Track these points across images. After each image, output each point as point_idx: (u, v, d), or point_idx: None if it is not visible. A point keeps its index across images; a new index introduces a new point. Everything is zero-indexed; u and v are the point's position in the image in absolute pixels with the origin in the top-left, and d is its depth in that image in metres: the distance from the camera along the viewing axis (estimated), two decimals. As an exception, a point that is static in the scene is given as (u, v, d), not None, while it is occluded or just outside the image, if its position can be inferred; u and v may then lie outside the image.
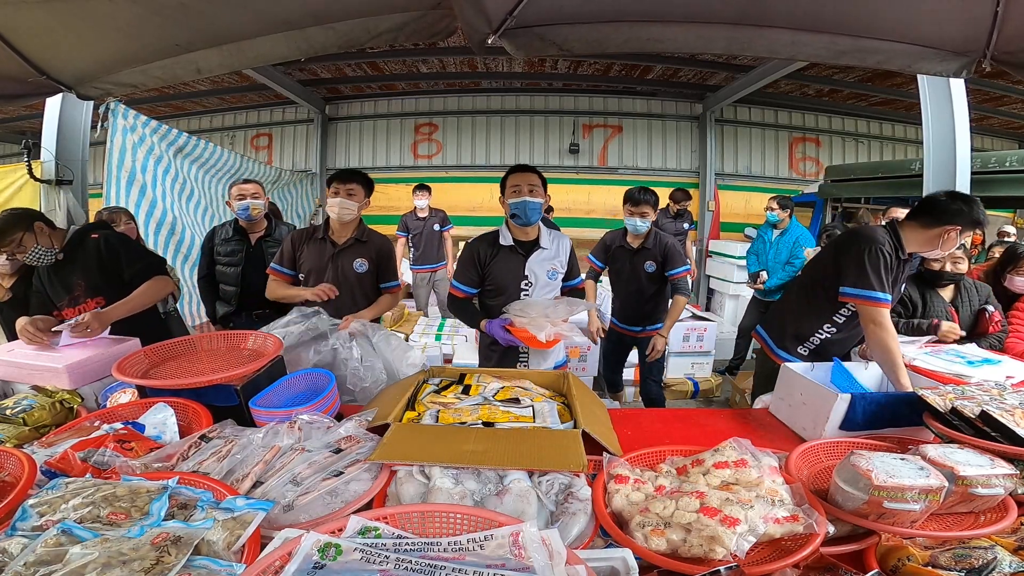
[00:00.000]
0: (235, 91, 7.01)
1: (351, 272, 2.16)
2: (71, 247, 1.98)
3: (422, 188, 4.98)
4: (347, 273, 2.15)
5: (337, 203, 2.09)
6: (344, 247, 2.16)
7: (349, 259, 2.16)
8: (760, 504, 0.89)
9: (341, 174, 2.14)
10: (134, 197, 3.47)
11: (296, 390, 1.45)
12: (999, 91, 6.21)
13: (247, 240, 2.72)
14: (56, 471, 1.00)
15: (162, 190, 3.74)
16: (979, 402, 1.15)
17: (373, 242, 2.23)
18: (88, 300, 1.95)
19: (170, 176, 3.87)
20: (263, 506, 0.86)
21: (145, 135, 3.56)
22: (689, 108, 7.49)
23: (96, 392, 1.53)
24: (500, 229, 2.05)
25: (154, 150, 3.66)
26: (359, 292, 2.19)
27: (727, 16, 1.75)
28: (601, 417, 1.38)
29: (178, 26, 1.78)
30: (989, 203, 4.50)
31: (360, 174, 2.18)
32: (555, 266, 2.06)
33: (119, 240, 2.07)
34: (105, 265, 1.98)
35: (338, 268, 2.14)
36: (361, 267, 2.17)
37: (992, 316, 2.28)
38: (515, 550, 0.74)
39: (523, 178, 1.94)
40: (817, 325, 1.93)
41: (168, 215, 3.74)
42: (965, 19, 1.64)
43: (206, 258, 2.81)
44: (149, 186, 3.58)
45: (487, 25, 1.64)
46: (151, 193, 3.60)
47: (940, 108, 3.28)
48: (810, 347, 1.96)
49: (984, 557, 0.85)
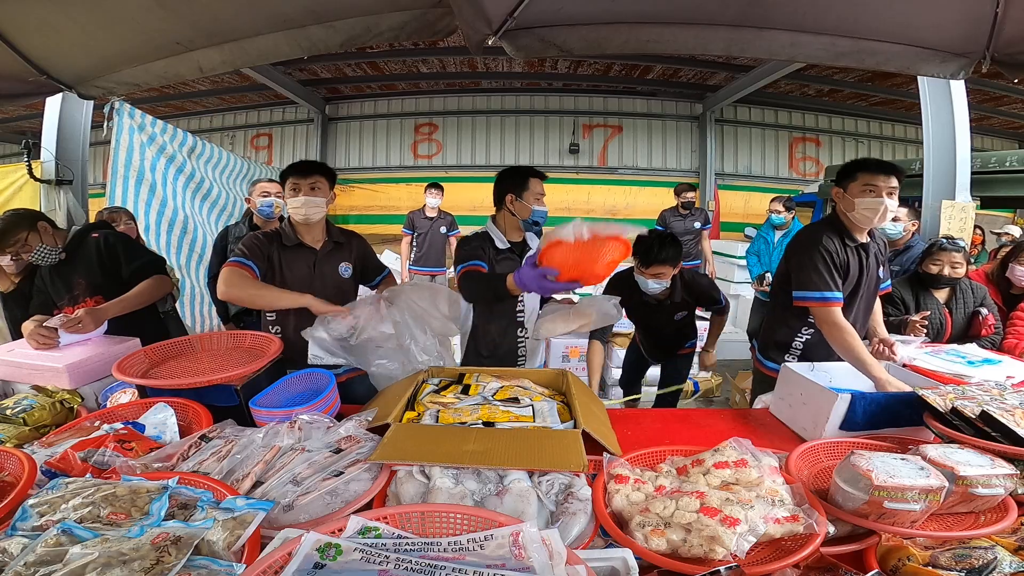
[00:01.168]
0: (235, 91, 7.02)
1: (338, 279, 1.90)
2: (72, 247, 1.99)
3: (436, 187, 4.81)
4: (335, 281, 1.89)
5: (302, 202, 1.75)
6: (324, 253, 1.87)
7: (333, 265, 1.89)
8: (760, 504, 0.89)
9: (298, 167, 1.81)
10: (144, 196, 3.46)
11: (296, 390, 1.45)
12: (999, 91, 6.21)
13: None
14: (56, 471, 1.00)
15: (172, 189, 3.72)
16: (979, 402, 1.15)
17: (350, 242, 1.97)
18: (87, 299, 1.96)
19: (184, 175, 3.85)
20: (263, 506, 0.86)
21: (155, 134, 3.54)
22: (689, 108, 7.49)
23: (96, 392, 1.53)
24: (489, 231, 1.95)
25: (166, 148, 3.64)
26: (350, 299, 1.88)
27: (726, 18, 1.75)
28: (601, 417, 1.38)
29: (179, 24, 1.78)
30: (989, 203, 4.51)
31: (322, 165, 1.87)
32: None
33: (119, 239, 2.08)
34: (105, 264, 1.99)
35: (324, 277, 1.86)
36: (346, 271, 1.92)
37: (986, 319, 2.26)
38: (515, 550, 0.74)
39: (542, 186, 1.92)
40: (795, 330, 1.92)
41: (179, 214, 3.73)
42: (964, 21, 1.64)
43: (218, 257, 2.82)
44: (159, 185, 3.56)
45: (487, 26, 1.65)
46: (161, 192, 3.58)
47: (940, 108, 3.28)
48: (796, 354, 1.93)
49: (984, 557, 0.85)
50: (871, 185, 1.69)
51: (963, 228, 3.22)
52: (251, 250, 1.75)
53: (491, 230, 1.96)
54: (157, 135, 3.56)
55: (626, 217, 7.11)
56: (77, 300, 1.96)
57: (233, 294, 1.66)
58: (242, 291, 1.67)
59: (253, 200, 2.71)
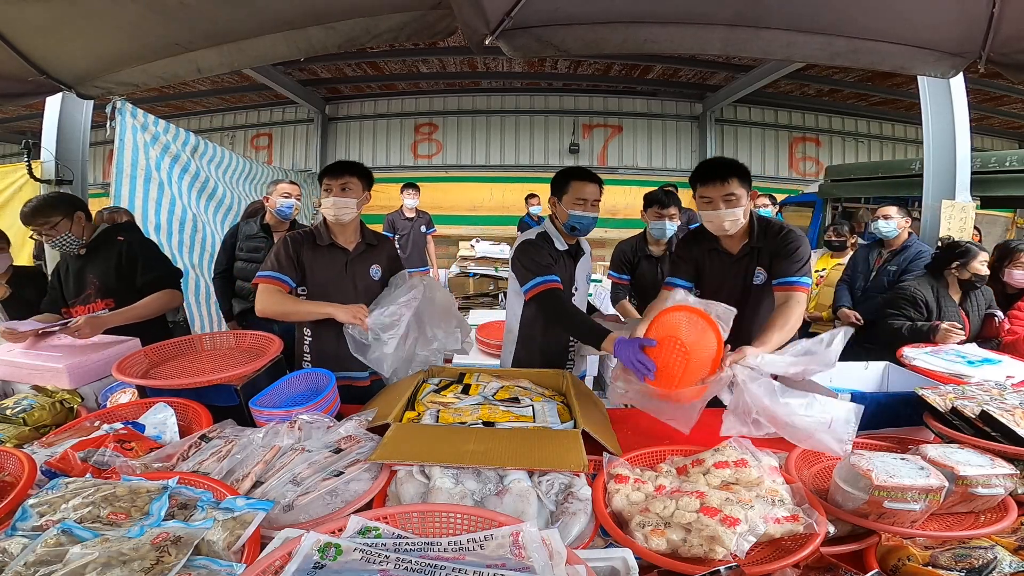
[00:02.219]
0: (235, 91, 7.02)
1: (369, 281, 1.86)
2: (95, 244, 1.99)
3: (412, 187, 4.88)
4: (365, 283, 1.85)
5: (332, 202, 1.77)
6: (356, 254, 1.86)
7: (364, 267, 1.86)
8: (760, 504, 0.89)
9: (333, 168, 1.82)
10: (154, 195, 3.45)
11: (296, 390, 1.44)
12: (999, 91, 6.21)
13: (271, 239, 2.76)
14: (56, 471, 1.00)
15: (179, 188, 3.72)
16: (979, 402, 1.15)
17: (382, 244, 1.96)
18: (98, 300, 1.95)
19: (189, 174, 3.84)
20: (263, 506, 0.86)
21: (159, 133, 3.54)
22: (689, 108, 7.49)
23: (96, 392, 1.53)
24: (548, 231, 1.87)
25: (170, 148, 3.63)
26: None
27: (723, 17, 1.76)
28: (601, 417, 1.38)
29: (178, 25, 1.78)
30: (989, 203, 4.51)
31: (355, 165, 1.86)
32: (589, 270, 2.00)
33: (141, 246, 2.08)
34: (122, 268, 1.99)
35: (355, 278, 1.84)
36: (376, 274, 1.88)
37: (1002, 323, 2.29)
38: (515, 550, 0.74)
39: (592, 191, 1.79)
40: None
41: (188, 212, 3.73)
42: (960, 20, 1.64)
43: (226, 254, 2.85)
44: (166, 184, 3.56)
45: (485, 26, 1.65)
46: (170, 191, 3.58)
47: (940, 108, 3.28)
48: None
49: (984, 557, 0.85)
50: (707, 197, 1.57)
51: (963, 228, 3.22)
52: (280, 261, 1.77)
53: (549, 230, 1.88)
54: (160, 135, 3.56)
55: (626, 217, 7.10)
56: (88, 300, 1.96)
57: (269, 311, 1.73)
58: (277, 307, 1.72)
59: (272, 199, 2.74)
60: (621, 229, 5.76)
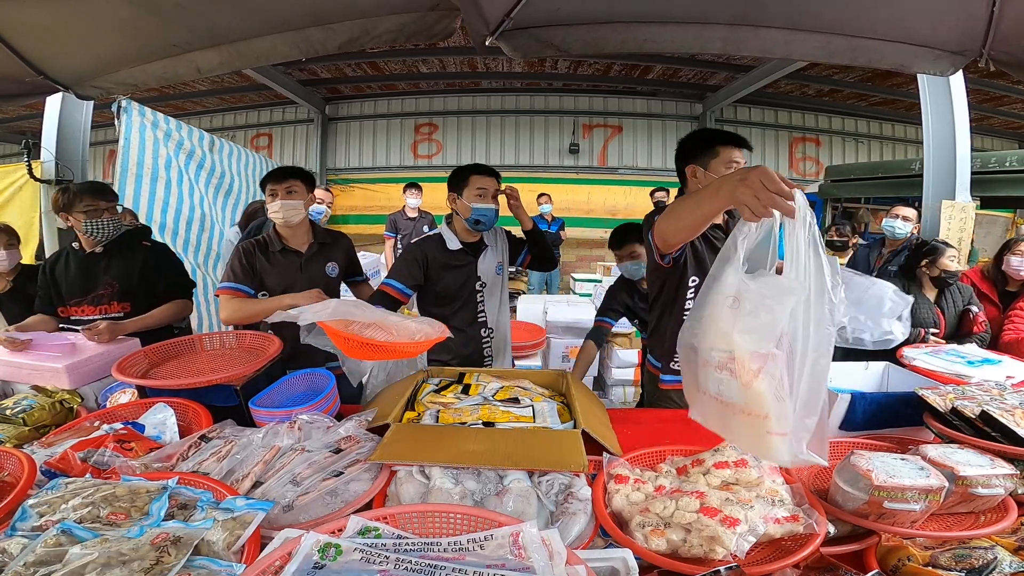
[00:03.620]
0: (235, 91, 7.03)
1: (325, 279, 1.96)
2: (114, 244, 1.97)
3: (415, 187, 4.85)
4: (325, 281, 1.95)
5: (279, 205, 1.84)
6: (310, 255, 1.95)
7: (319, 266, 1.96)
8: (760, 504, 0.89)
9: (275, 174, 1.89)
10: (160, 195, 3.43)
11: (296, 390, 1.44)
12: (999, 91, 6.22)
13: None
14: (56, 471, 1.00)
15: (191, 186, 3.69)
16: (979, 402, 1.15)
17: (336, 242, 2.05)
18: (114, 303, 1.94)
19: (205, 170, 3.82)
20: (263, 506, 0.86)
21: (171, 130, 3.52)
22: (689, 108, 7.49)
23: (96, 392, 1.53)
24: (442, 232, 1.93)
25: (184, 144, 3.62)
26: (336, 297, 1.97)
27: (722, 17, 1.76)
28: (601, 417, 1.38)
29: (177, 26, 1.78)
30: (989, 203, 4.51)
31: (298, 170, 1.94)
32: (500, 260, 2.01)
33: (166, 256, 2.10)
34: (146, 275, 1.99)
35: (310, 279, 1.91)
36: (333, 271, 1.99)
37: (976, 316, 2.31)
38: (515, 550, 0.74)
39: (491, 183, 1.84)
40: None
41: (196, 211, 3.71)
42: (960, 18, 1.64)
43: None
44: (175, 183, 3.54)
45: (484, 27, 1.65)
46: (177, 190, 3.57)
47: (940, 108, 3.29)
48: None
49: (984, 557, 0.85)
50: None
51: (963, 228, 3.22)
52: (236, 272, 1.86)
53: (443, 231, 1.95)
54: (173, 131, 3.54)
55: (626, 217, 7.10)
56: (100, 300, 1.94)
57: (235, 318, 1.84)
58: (240, 313, 1.83)
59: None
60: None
